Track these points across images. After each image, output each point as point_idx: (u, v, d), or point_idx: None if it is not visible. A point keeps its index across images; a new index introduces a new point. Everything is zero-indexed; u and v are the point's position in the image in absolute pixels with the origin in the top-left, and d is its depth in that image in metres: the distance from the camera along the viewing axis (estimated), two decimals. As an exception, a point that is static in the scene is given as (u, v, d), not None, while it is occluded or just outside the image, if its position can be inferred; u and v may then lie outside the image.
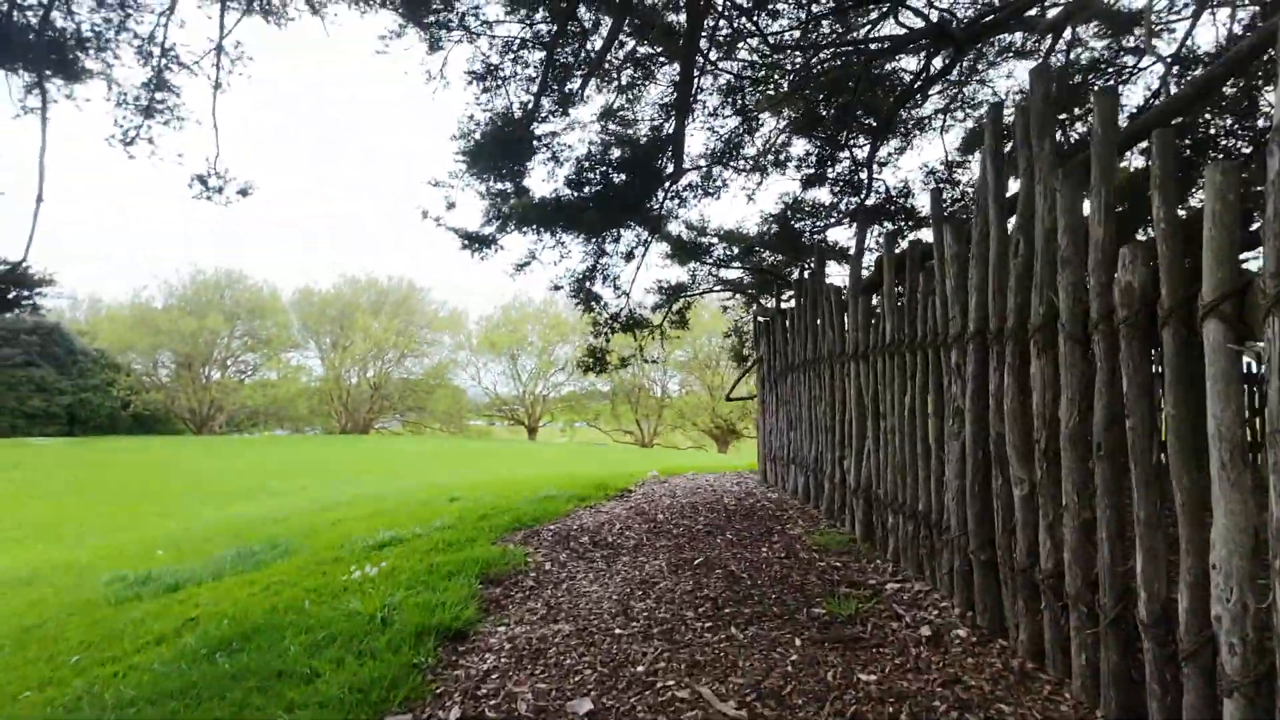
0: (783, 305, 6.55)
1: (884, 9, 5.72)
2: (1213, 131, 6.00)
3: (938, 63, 5.98)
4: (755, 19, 5.56)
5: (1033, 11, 5.38)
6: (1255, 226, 4.85)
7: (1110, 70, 5.96)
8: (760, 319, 7.29)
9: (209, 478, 17.37)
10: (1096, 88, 2.89)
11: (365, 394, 36.42)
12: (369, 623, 3.37)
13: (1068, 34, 5.87)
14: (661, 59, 5.68)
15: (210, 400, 35.59)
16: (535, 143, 5.56)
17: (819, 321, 5.16)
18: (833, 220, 6.91)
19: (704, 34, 5.38)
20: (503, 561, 4.29)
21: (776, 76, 5.72)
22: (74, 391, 32.36)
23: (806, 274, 7.08)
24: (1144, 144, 4.71)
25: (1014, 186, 2.68)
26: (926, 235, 7.12)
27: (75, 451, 25.57)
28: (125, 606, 4.80)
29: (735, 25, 5.67)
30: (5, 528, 13.07)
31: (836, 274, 8.75)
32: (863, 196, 6.44)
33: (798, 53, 5.84)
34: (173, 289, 35.64)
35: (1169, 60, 5.30)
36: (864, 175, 6.40)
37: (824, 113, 5.62)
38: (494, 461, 20.04)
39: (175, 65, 4.25)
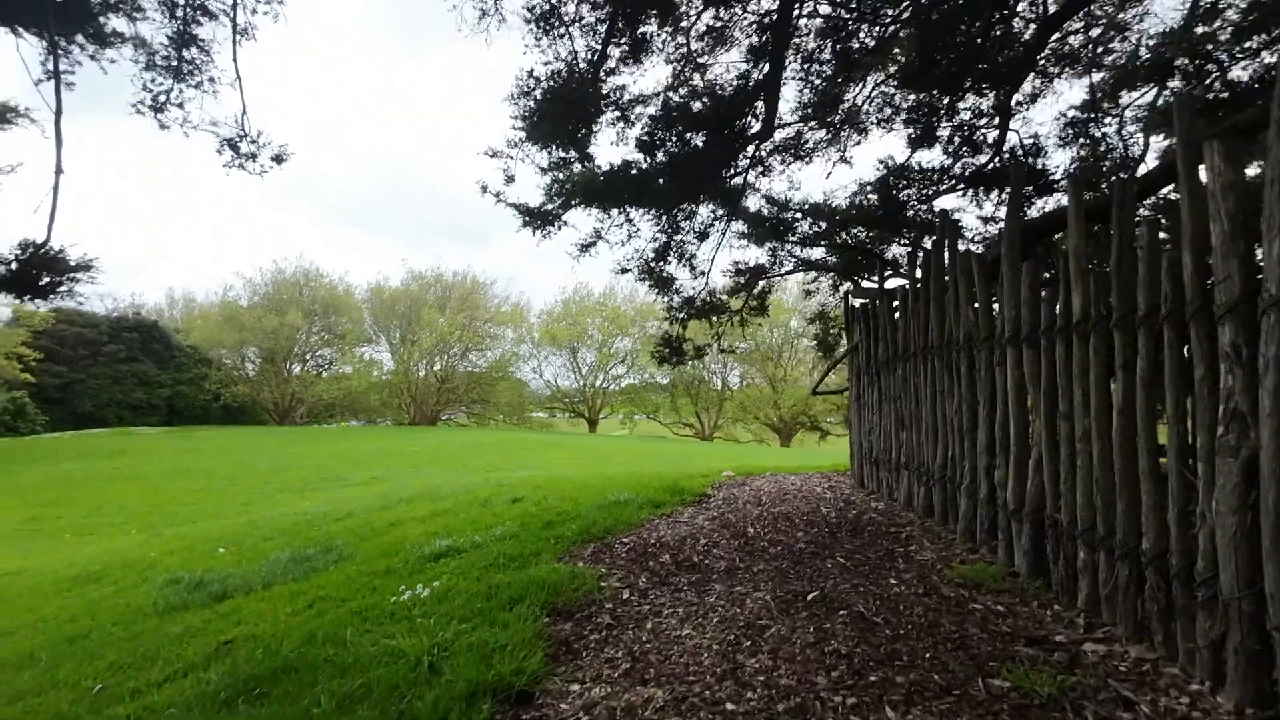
0: (887, 285, 5.55)
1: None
2: None
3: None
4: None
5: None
6: None
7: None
8: (856, 302, 6.31)
9: (290, 466, 17.71)
10: None
11: (432, 386, 36.99)
12: (413, 670, 2.70)
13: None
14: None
15: (291, 393, 36.97)
16: (602, 102, 4.80)
17: (948, 300, 4.18)
18: (943, 187, 5.85)
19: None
20: (572, 586, 3.57)
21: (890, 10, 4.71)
22: (172, 385, 34.23)
23: (917, 246, 6.04)
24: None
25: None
26: (1056, 202, 5.94)
27: (172, 440, 26.91)
28: (170, 618, 4.37)
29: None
30: (107, 513, 13.61)
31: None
32: (1000, 146, 5.31)
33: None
34: (256, 287, 37.19)
35: None
36: (985, 129, 5.31)
37: (943, 54, 4.58)
38: (556, 454, 19.62)
39: (203, 16, 3.73)
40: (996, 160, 5.52)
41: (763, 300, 7.16)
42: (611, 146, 5.42)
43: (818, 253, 7.44)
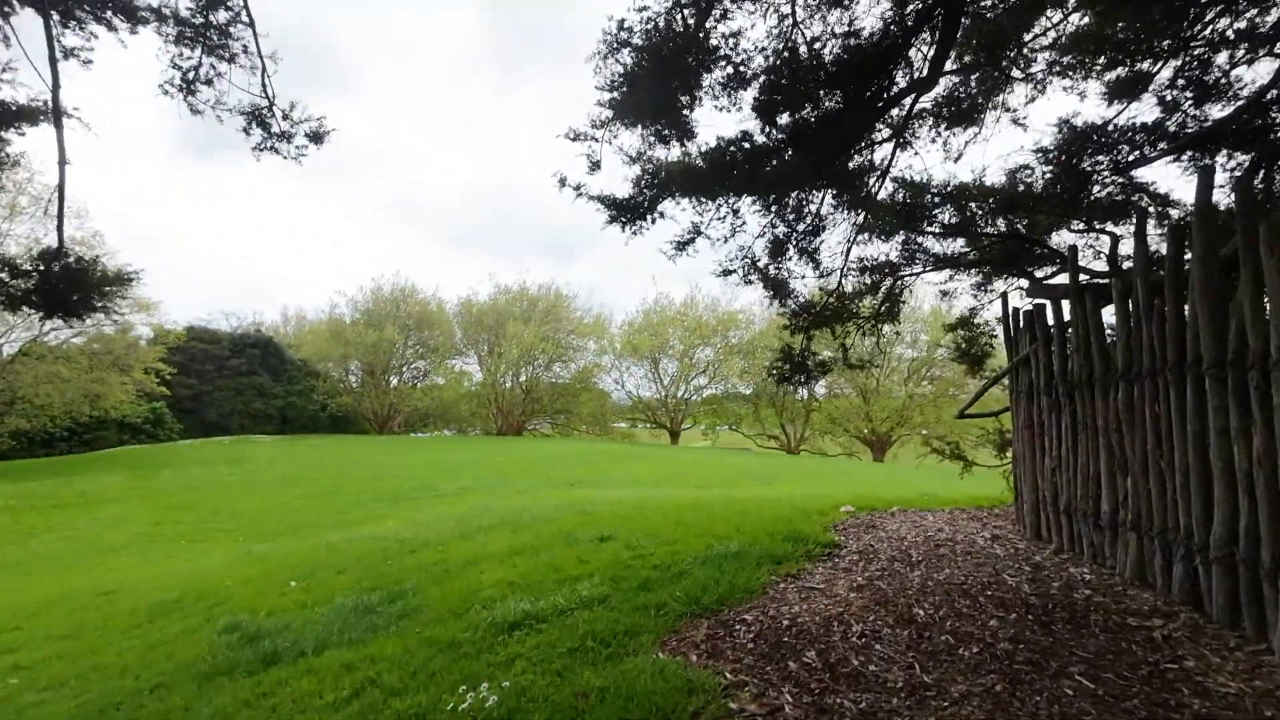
0: (1092, 281, 4.14)
1: None
2: None
3: None
4: None
5: None
6: None
7: None
8: (1024, 303, 4.89)
9: (385, 475, 17.83)
10: None
11: (518, 397, 37.19)
12: None
13: None
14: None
15: (389, 403, 38.30)
16: (710, 56, 3.75)
17: (1242, 295, 2.79)
18: (1150, 152, 4.34)
19: None
20: (686, 704, 2.49)
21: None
22: (284, 396, 36.24)
23: (1100, 231, 4.56)
24: None
25: None
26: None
27: (283, 448, 28.26)
28: (209, 688, 3.67)
29: None
30: (220, 519, 13.97)
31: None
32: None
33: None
34: (357, 304, 38.89)
35: None
36: (1231, 66, 3.81)
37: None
38: (640, 468, 18.67)
39: (230, -33, 3.07)
40: (1248, 113, 3.97)
41: (894, 303, 5.83)
42: (719, 113, 4.34)
43: (958, 245, 6.03)
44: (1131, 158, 4.50)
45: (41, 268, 3.17)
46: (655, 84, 3.81)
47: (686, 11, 3.58)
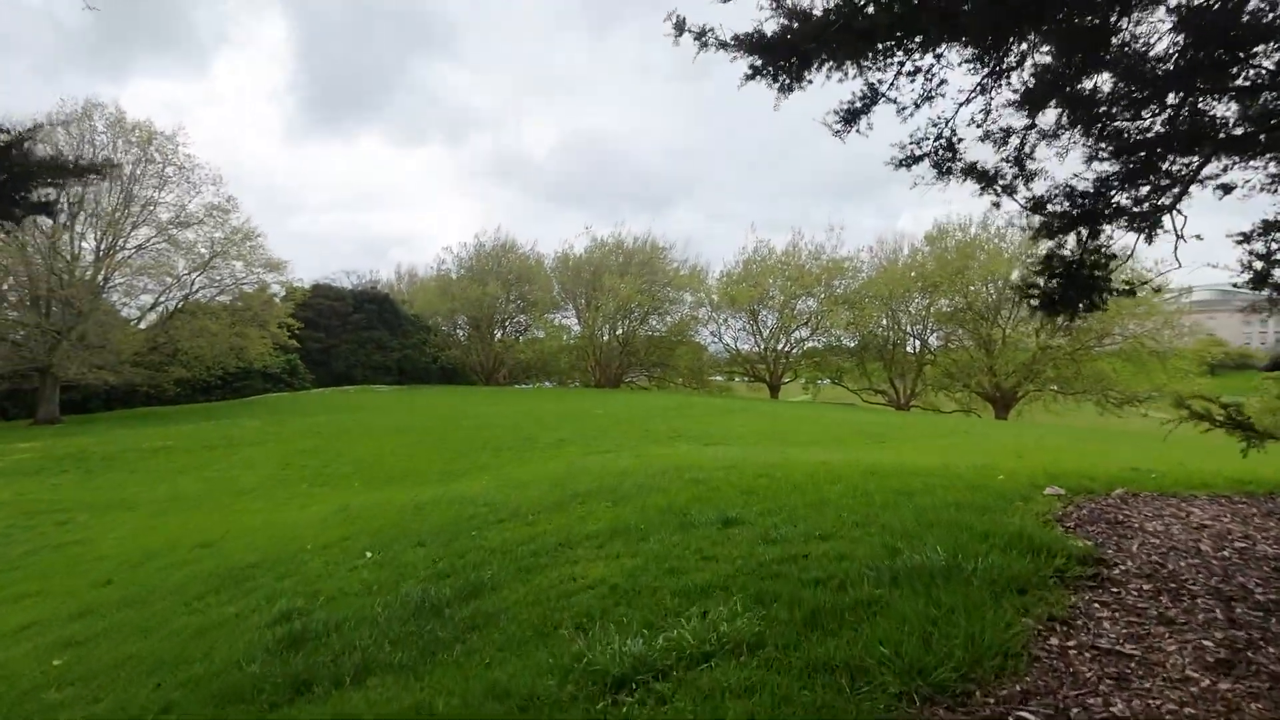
0: None
1: None
2: None
3: None
4: None
5: None
6: None
7: None
8: None
9: (488, 424, 17.59)
10: None
11: (615, 350, 36.44)
12: None
13: None
14: None
15: (494, 355, 38.93)
16: None
17: None
18: None
19: None
20: None
21: None
22: (400, 349, 37.71)
23: None
24: None
25: None
26: None
27: (400, 397, 29.35)
28: (221, 717, 2.69)
29: None
30: (339, 465, 14.14)
31: None
32: None
33: None
34: (462, 261, 39.36)
35: None
36: None
37: None
38: (740, 421, 17.08)
39: None
40: None
41: (1157, 204, 3.76)
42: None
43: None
44: None
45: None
46: None
47: None
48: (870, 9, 3.21)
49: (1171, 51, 3.74)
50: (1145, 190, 3.61)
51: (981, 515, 3.92)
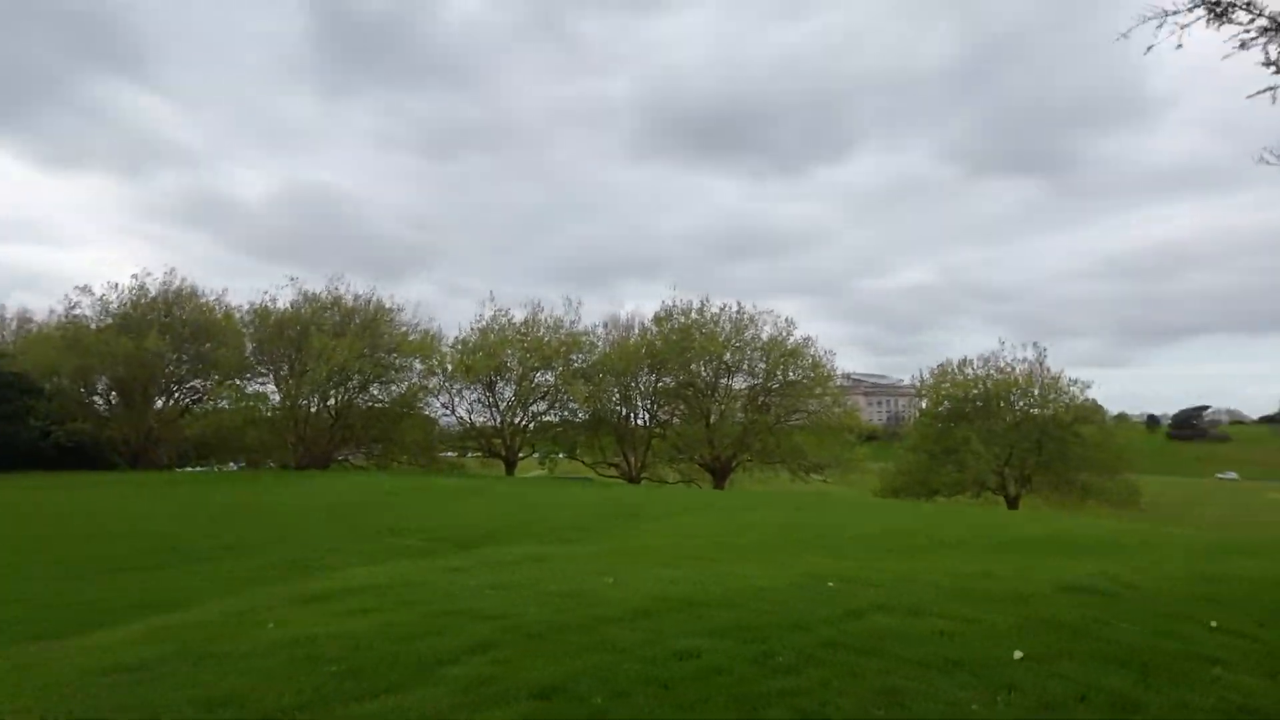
0: None
1: None
2: None
3: None
4: None
5: None
6: None
7: None
8: None
9: (97, 535, 12.14)
10: None
11: (326, 423, 31.10)
12: None
13: None
14: None
15: (148, 430, 30.03)
16: None
17: None
18: None
19: None
20: None
21: None
22: None
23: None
24: None
25: None
26: None
27: None
28: None
29: None
30: None
31: None
32: None
33: None
34: (108, 306, 30.14)
35: None
36: None
37: None
38: (473, 510, 15.16)
39: None
40: None
41: None
42: None
43: None
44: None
45: None
46: None
47: None
48: None
49: None
50: None
51: None
